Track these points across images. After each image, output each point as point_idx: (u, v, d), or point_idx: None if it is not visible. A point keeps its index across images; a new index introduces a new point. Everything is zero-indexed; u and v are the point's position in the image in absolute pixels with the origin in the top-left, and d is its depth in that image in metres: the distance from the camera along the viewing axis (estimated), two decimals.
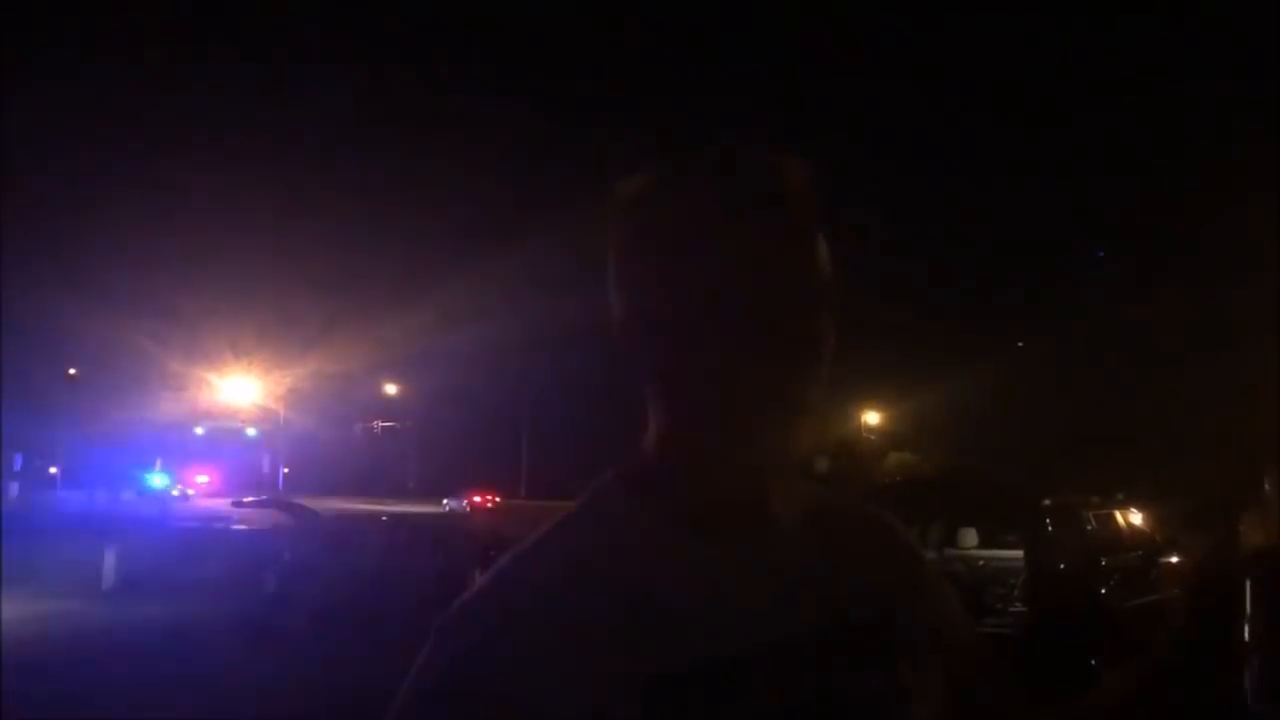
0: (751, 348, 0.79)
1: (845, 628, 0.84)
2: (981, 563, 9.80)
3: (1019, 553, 9.25)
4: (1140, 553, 9.81)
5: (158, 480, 54.68)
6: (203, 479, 61.42)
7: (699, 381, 0.82)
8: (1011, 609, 8.88)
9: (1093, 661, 8.26)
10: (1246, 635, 0.93)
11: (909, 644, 0.87)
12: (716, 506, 0.84)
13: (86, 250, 51.56)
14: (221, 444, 58.53)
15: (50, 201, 49.59)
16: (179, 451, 53.39)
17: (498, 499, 51.11)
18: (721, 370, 0.80)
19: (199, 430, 54.27)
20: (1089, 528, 9.61)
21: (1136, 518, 10.63)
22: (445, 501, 50.53)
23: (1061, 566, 8.95)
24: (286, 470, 59.74)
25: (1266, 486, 0.99)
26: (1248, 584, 0.94)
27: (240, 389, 44.40)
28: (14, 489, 46.94)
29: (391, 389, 64.52)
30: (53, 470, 56.76)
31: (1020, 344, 45.30)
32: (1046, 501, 9.71)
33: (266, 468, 56.84)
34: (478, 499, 50.34)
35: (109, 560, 14.70)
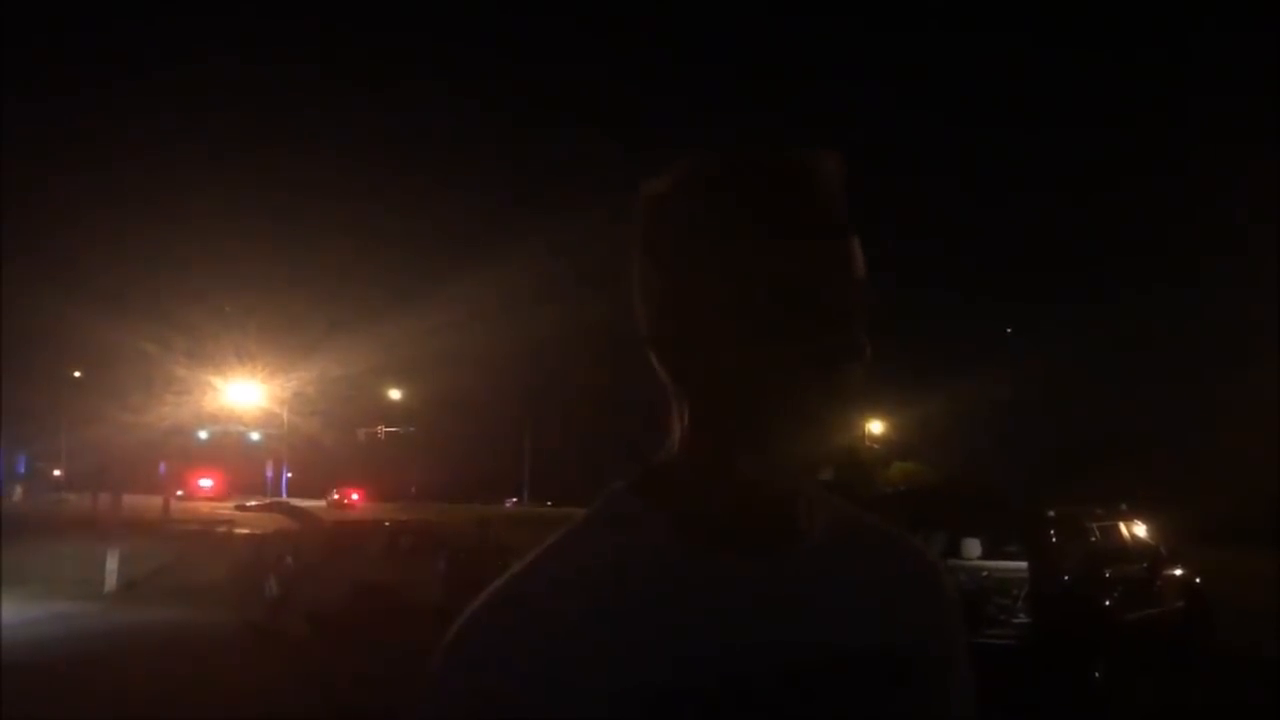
0: (782, 351, 0.76)
1: (866, 656, 0.80)
2: (985, 574, 9.74)
3: (1023, 564, 9.19)
4: (1144, 564, 9.76)
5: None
6: (206, 482, 61.53)
7: (725, 385, 0.78)
8: (1015, 620, 8.83)
9: (1096, 674, 8.23)
10: None
11: (931, 677, 0.83)
12: (738, 519, 0.80)
13: (91, 253, 51.73)
14: (225, 448, 58.52)
15: (54, 205, 49.71)
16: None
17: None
18: (749, 373, 0.77)
19: (203, 434, 54.17)
20: (1093, 539, 9.56)
21: (1140, 529, 10.58)
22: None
23: (1065, 578, 8.90)
24: (290, 474, 59.81)
25: None
26: None
27: (244, 393, 44.30)
28: (18, 491, 47.11)
29: (396, 394, 64.54)
30: (57, 473, 56.90)
31: (1009, 329, 45.29)
32: (1050, 512, 9.66)
33: (270, 472, 56.87)
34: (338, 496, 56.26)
35: (111, 563, 14.70)
